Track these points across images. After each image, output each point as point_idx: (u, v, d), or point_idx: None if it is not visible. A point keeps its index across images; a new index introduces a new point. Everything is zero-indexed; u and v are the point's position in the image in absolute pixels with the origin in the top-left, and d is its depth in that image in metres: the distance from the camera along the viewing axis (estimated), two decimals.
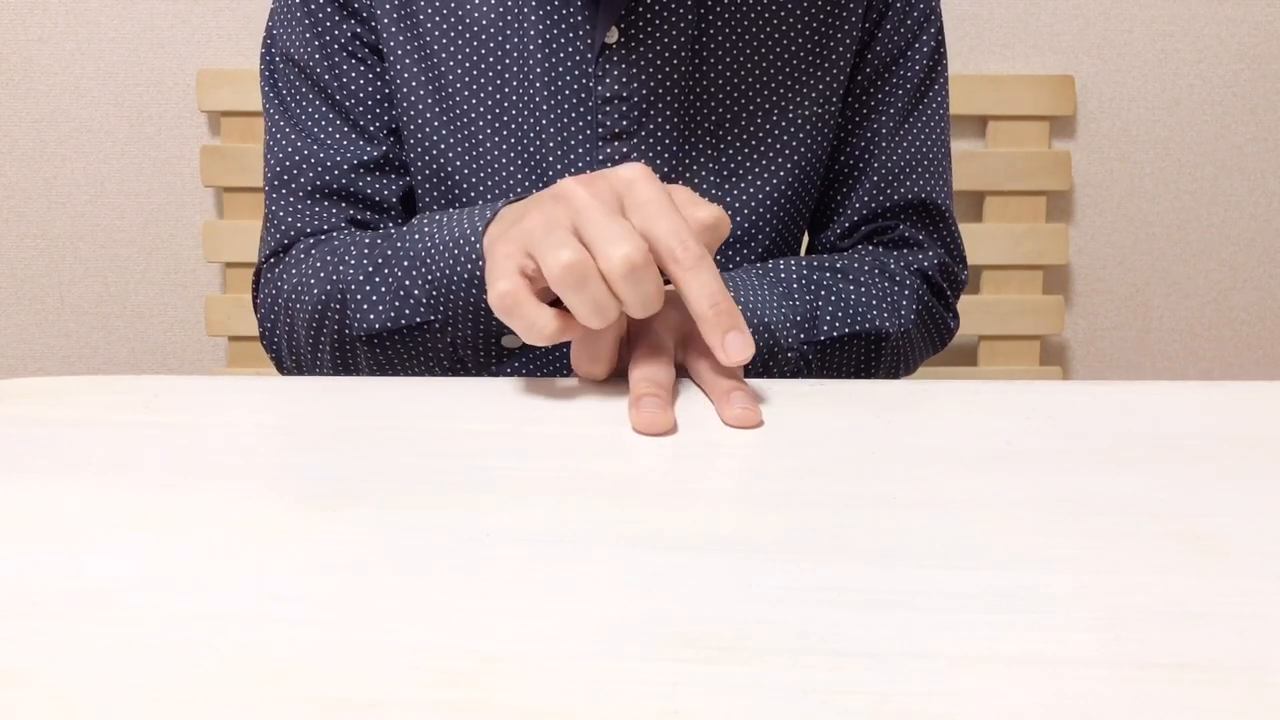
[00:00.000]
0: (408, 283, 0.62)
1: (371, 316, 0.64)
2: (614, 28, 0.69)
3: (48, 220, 1.34)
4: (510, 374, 0.71)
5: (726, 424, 0.47)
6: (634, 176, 0.49)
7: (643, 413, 0.46)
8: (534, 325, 0.49)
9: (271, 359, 0.76)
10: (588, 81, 0.69)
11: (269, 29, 0.75)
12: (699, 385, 0.52)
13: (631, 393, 0.48)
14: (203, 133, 1.32)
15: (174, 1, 1.29)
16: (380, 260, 0.64)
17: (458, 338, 0.62)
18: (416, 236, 0.62)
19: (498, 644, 0.29)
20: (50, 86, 1.31)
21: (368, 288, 0.64)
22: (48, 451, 0.43)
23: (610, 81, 0.69)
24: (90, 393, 0.51)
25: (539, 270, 0.48)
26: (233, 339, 1.33)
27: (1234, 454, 0.43)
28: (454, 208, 0.70)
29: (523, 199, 0.57)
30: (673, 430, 0.46)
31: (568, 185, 0.49)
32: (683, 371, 0.54)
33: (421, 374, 0.65)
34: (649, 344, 0.53)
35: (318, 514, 0.37)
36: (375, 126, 0.72)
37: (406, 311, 0.63)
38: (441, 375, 0.65)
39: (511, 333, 0.61)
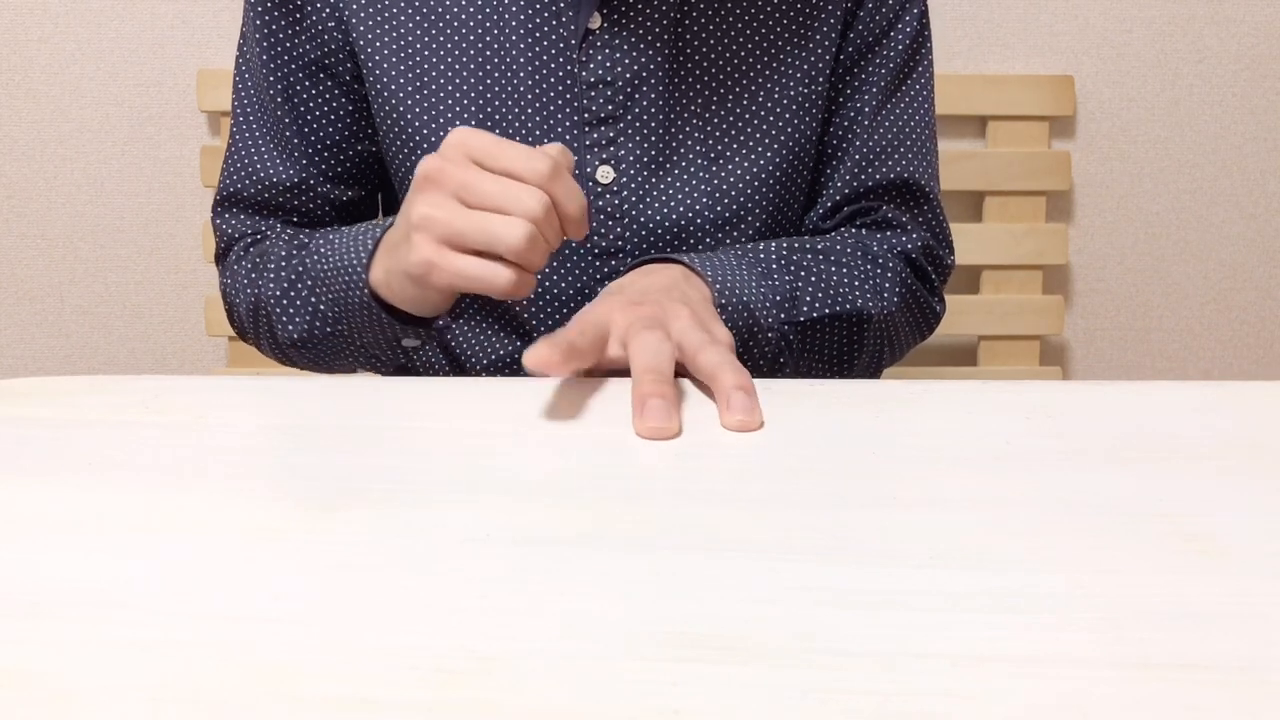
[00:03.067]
0: (313, 299, 0.69)
1: (290, 328, 0.71)
2: (596, 13, 0.69)
3: (48, 220, 1.34)
4: (420, 363, 0.78)
5: (726, 429, 0.47)
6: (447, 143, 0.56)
7: (648, 421, 0.46)
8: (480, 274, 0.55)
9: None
10: (572, 67, 0.70)
11: (239, 43, 0.78)
12: (702, 381, 0.52)
13: (634, 392, 0.48)
14: (203, 133, 1.32)
15: (174, 1, 1.29)
16: (294, 276, 0.70)
17: (365, 341, 0.69)
18: (316, 257, 0.69)
19: (498, 644, 0.29)
20: (50, 86, 1.31)
21: (284, 301, 0.71)
22: (48, 451, 0.43)
23: (594, 66, 0.70)
24: (90, 393, 0.51)
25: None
26: (233, 339, 1.33)
27: (1234, 454, 0.43)
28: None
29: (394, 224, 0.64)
30: (678, 434, 0.46)
31: (419, 173, 0.56)
32: (683, 372, 0.54)
33: (348, 367, 0.74)
34: (647, 324, 0.53)
35: (318, 514, 0.37)
36: (301, 150, 0.76)
37: (318, 324, 0.70)
38: (366, 367, 0.73)
39: (410, 334, 0.67)
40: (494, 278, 0.54)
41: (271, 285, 0.71)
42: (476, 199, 0.54)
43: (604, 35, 0.70)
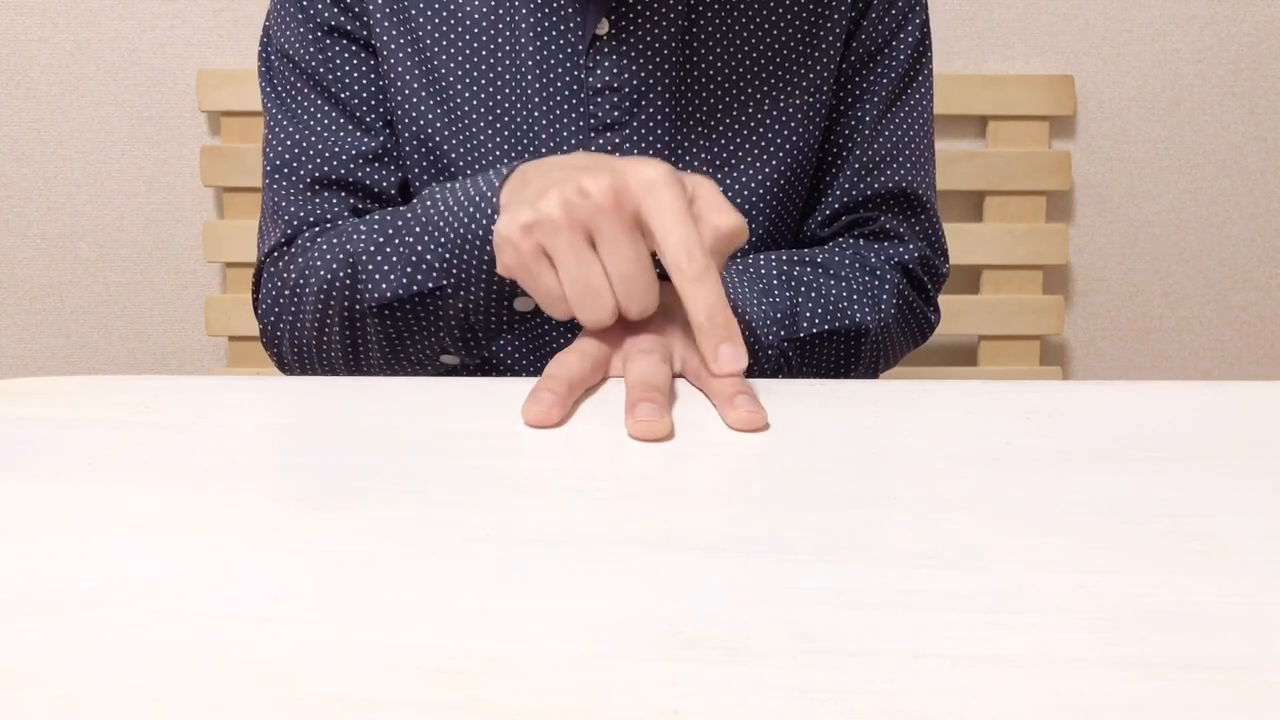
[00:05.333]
0: (419, 248, 0.62)
1: (384, 285, 0.63)
2: (604, 19, 0.69)
3: (48, 220, 1.34)
4: (520, 342, 0.74)
5: (731, 427, 0.46)
6: (655, 179, 0.51)
7: (639, 421, 0.45)
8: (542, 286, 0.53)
9: (272, 358, 0.75)
10: (579, 73, 0.70)
11: (266, 28, 0.76)
12: (701, 390, 0.52)
13: (627, 398, 0.48)
14: (203, 133, 1.32)
15: (174, 1, 1.29)
16: (391, 230, 0.64)
17: (469, 302, 0.61)
18: (429, 204, 0.62)
19: (498, 644, 0.29)
20: (50, 86, 1.31)
21: (379, 257, 0.64)
22: (48, 451, 0.43)
23: (601, 73, 0.70)
24: (90, 393, 0.51)
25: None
26: (233, 339, 1.33)
27: (1234, 454, 0.43)
28: None
29: (542, 162, 0.58)
30: (669, 436, 0.46)
31: (592, 183, 0.51)
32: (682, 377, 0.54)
33: (432, 345, 0.66)
34: (646, 350, 0.53)
35: (318, 514, 0.37)
36: (371, 118, 0.73)
37: (419, 277, 0.62)
38: (451, 345, 0.65)
39: (524, 294, 0.60)
40: (553, 311, 0.53)
41: (363, 242, 0.65)
42: (601, 249, 0.51)
43: (611, 42, 0.70)
